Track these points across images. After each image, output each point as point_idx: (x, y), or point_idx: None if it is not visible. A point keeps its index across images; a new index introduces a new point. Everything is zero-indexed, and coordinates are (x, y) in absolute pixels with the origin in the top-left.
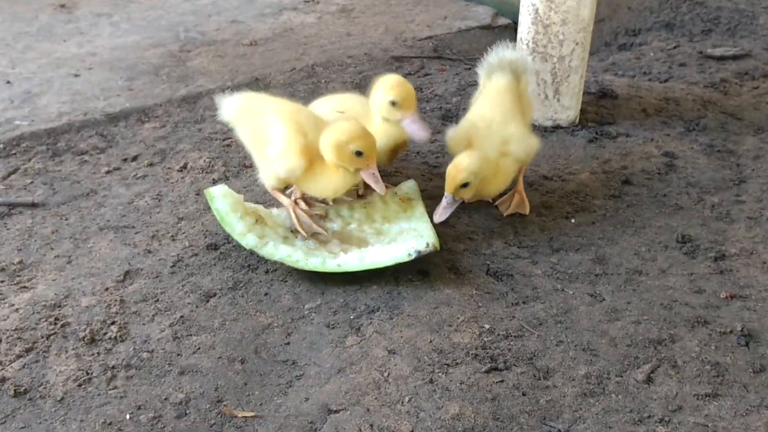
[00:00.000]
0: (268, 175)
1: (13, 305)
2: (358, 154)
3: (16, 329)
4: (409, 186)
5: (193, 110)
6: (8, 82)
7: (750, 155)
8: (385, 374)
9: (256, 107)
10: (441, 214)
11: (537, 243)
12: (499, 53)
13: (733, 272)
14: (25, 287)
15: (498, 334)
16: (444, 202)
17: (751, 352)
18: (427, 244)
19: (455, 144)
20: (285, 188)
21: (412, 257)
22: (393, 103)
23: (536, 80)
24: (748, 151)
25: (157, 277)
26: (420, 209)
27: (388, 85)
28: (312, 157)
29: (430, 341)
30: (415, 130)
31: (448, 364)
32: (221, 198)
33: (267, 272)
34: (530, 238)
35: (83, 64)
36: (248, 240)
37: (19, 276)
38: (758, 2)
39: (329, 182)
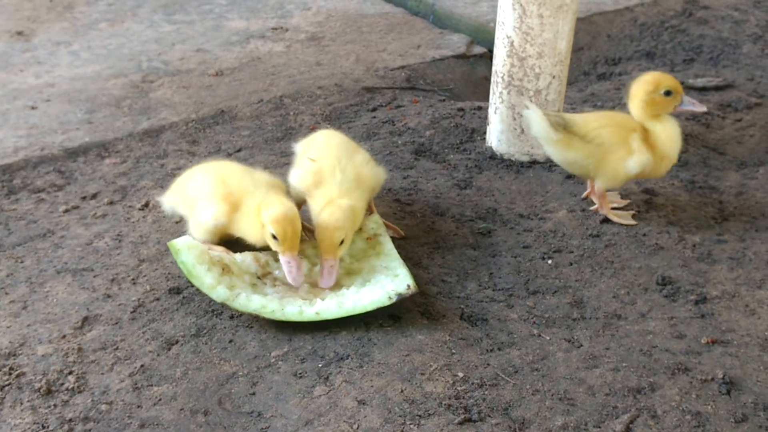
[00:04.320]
0: (197, 228)
1: None
2: (273, 237)
3: None
4: (374, 221)
5: (155, 144)
6: None
7: (732, 192)
8: (355, 426)
9: (184, 180)
10: None
11: (513, 285)
12: None
13: (715, 316)
14: None
15: (472, 383)
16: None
17: (733, 401)
18: (408, 286)
19: None
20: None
21: (393, 300)
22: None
23: (512, 114)
24: (730, 188)
25: (116, 323)
26: (388, 245)
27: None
28: (237, 204)
29: (402, 391)
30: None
31: (420, 416)
32: (186, 250)
33: (232, 318)
34: (506, 280)
35: (41, 95)
36: (219, 293)
37: None
38: (742, 30)
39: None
